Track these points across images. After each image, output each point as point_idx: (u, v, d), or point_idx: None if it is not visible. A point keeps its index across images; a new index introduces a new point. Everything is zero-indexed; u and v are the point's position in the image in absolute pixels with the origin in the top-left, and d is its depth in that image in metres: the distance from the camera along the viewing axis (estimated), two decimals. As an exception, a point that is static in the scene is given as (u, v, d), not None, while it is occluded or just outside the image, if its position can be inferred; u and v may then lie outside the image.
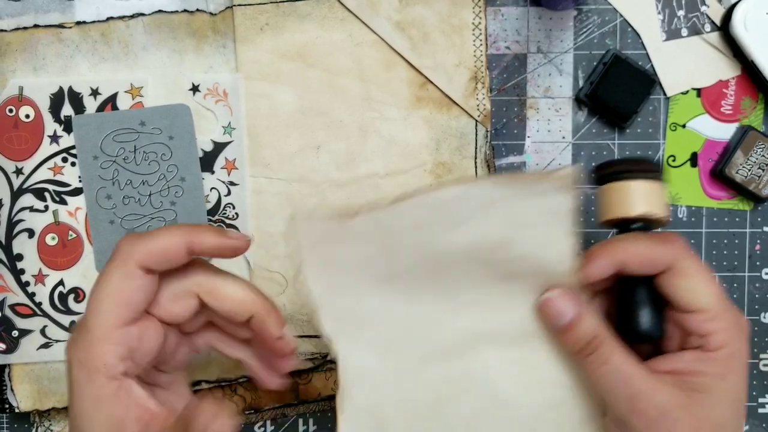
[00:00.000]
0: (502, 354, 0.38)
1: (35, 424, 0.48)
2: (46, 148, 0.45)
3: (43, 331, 0.46)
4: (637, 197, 0.37)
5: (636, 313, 0.36)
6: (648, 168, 0.37)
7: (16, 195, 0.46)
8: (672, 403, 0.33)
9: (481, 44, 0.46)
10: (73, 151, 0.45)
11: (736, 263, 0.48)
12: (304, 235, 0.36)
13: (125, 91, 0.45)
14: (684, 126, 0.48)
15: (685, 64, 0.47)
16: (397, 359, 0.38)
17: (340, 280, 0.37)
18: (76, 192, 0.46)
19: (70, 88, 0.45)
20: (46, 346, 0.46)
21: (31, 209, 0.46)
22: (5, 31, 0.45)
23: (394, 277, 0.37)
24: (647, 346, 0.37)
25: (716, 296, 0.35)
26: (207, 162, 0.46)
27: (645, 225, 0.37)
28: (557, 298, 0.36)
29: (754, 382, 0.49)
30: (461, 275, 0.37)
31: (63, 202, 0.46)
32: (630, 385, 0.34)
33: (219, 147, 0.46)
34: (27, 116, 0.45)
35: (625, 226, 0.38)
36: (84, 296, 0.46)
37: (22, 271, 0.46)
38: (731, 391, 0.34)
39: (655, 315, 0.36)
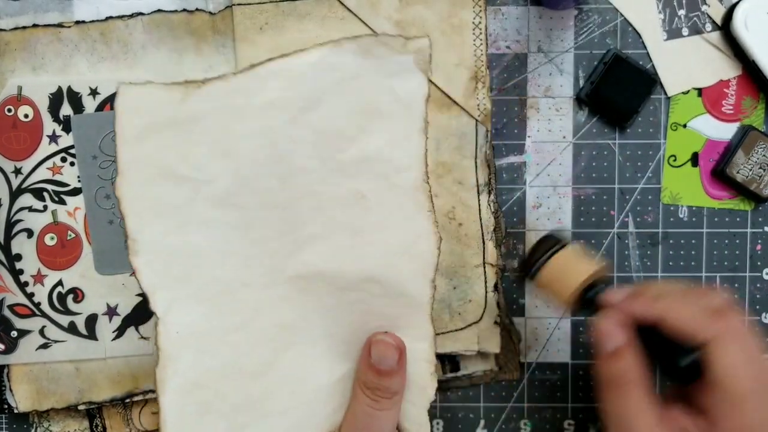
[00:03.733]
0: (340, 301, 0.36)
1: (34, 425, 0.48)
2: (45, 148, 0.45)
3: (41, 332, 0.46)
4: (572, 267, 0.37)
5: (676, 352, 0.36)
6: (556, 241, 0.38)
7: (14, 195, 0.45)
8: None
9: (481, 44, 0.46)
10: (72, 151, 0.45)
11: (737, 263, 0.48)
12: (128, 116, 0.31)
13: (124, 91, 0.45)
14: (685, 126, 0.47)
15: (685, 64, 0.47)
16: (226, 311, 0.35)
17: (164, 198, 0.33)
18: (75, 192, 0.46)
19: (69, 88, 0.45)
20: (44, 346, 0.46)
21: (30, 209, 0.46)
22: (4, 30, 0.45)
23: (229, 194, 0.33)
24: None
25: (746, 384, 0.34)
26: (206, 162, 0.46)
27: (597, 288, 0.38)
28: (611, 325, 0.37)
29: (755, 383, 0.49)
30: (305, 194, 0.34)
31: (62, 202, 0.46)
32: None
33: (218, 147, 0.46)
34: (26, 116, 0.45)
35: (582, 298, 0.38)
36: (83, 296, 0.46)
37: (21, 271, 0.46)
38: None
39: (694, 355, 0.35)
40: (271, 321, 0.36)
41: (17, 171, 0.45)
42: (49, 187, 0.46)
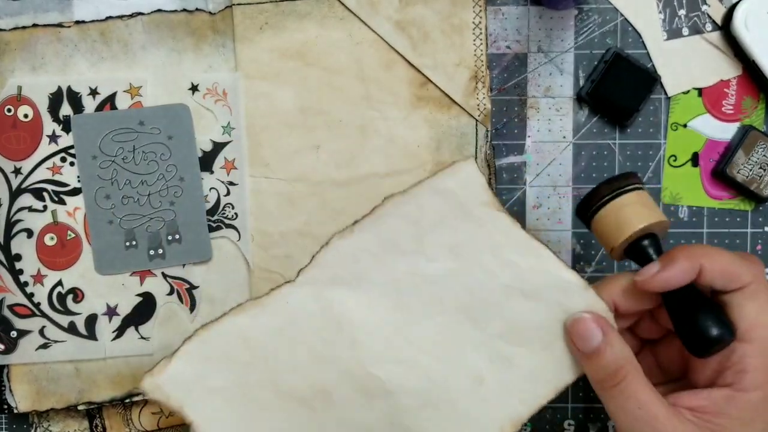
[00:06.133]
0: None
1: (34, 425, 0.48)
2: (45, 148, 0.45)
3: (41, 332, 0.46)
4: (631, 213, 0.36)
5: (703, 318, 0.34)
6: (626, 183, 0.37)
7: (14, 195, 0.45)
8: None
9: (481, 43, 0.46)
10: (72, 151, 0.45)
11: (737, 263, 0.48)
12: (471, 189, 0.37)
13: (124, 91, 0.45)
14: (685, 126, 0.47)
15: (686, 64, 0.47)
16: (300, 340, 0.38)
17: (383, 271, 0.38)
18: (75, 192, 0.46)
19: (69, 88, 0.45)
20: (44, 346, 0.46)
21: (30, 209, 0.46)
22: (4, 30, 0.45)
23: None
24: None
25: None
26: (206, 162, 0.46)
27: (653, 238, 0.36)
28: (587, 320, 0.35)
29: (756, 383, 0.49)
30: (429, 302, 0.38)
31: (62, 202, 0.46)
32: (653, 426, 0.33)
33: (218, 147, 0.46)
34: (26, 116, 0.45)
35: (635, 248, 0.36)
36: (83, 296, 0.46)
37: (21, 271, 0.46)
38: None
39: (722, 318, 0.34)
40: (319, 378, 0.38)
41: (17, 171, 0.45)
42: (49, 187, 0.46)
